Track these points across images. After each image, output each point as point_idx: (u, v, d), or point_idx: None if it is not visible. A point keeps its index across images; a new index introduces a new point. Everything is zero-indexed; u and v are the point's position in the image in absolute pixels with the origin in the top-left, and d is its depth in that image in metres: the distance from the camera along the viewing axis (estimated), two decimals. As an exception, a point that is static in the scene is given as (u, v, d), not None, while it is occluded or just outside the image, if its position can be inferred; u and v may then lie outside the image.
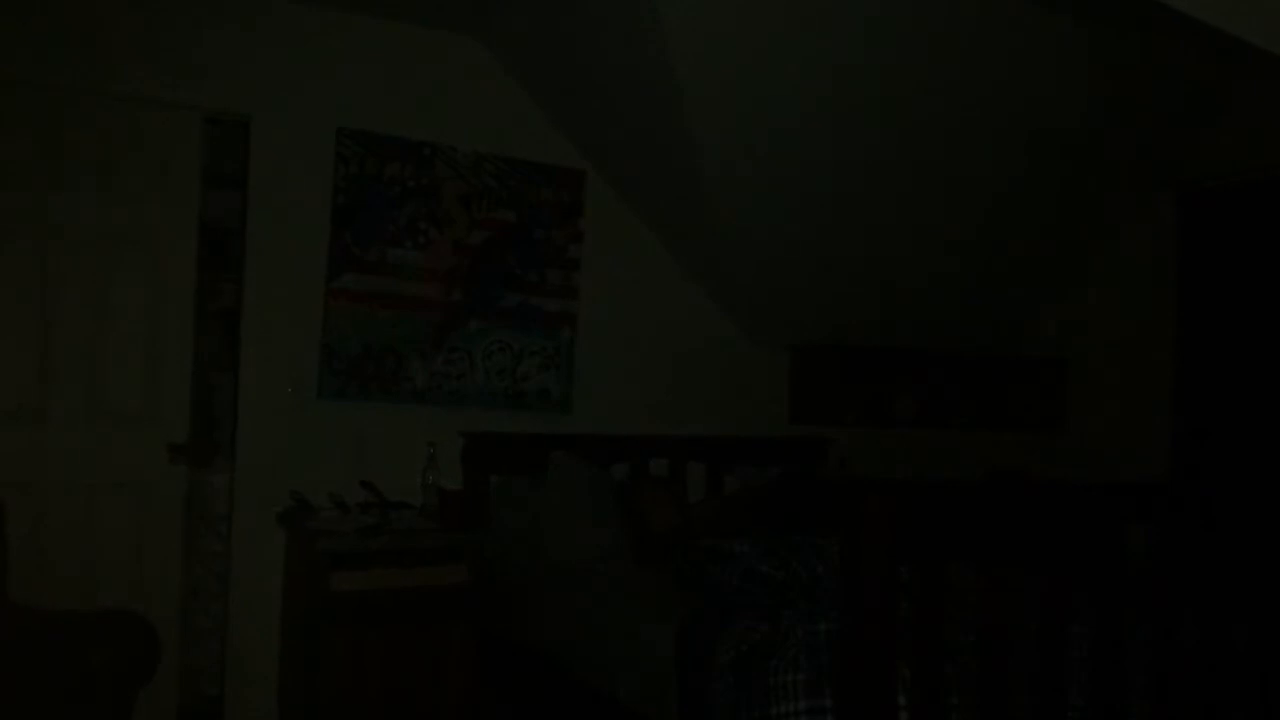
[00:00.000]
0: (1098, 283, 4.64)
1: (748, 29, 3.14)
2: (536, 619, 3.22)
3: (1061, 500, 2.12)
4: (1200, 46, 3.57)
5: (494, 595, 3.35)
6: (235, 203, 3.71)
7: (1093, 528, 2.07)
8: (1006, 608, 1.89)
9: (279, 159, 3.54)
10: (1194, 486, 3.53)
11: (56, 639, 2.62)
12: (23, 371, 3.23)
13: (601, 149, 4.01)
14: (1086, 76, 3.67)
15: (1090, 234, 4.53)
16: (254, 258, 3.52)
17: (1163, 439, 4.18)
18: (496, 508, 3.61)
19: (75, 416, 3.29)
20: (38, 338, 3.24)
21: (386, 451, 3.62)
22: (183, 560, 3.50)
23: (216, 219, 4.26)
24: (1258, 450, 3.88)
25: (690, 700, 2.35)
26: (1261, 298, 3.91)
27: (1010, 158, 3.92)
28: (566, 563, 3.29)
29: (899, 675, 1.77)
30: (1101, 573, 2.02)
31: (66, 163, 3.27)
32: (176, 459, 3.41)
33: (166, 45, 3.37)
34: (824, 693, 1.98)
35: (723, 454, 4.14)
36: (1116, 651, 2.00)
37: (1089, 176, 4.19)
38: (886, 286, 4.32)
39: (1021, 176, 4.04)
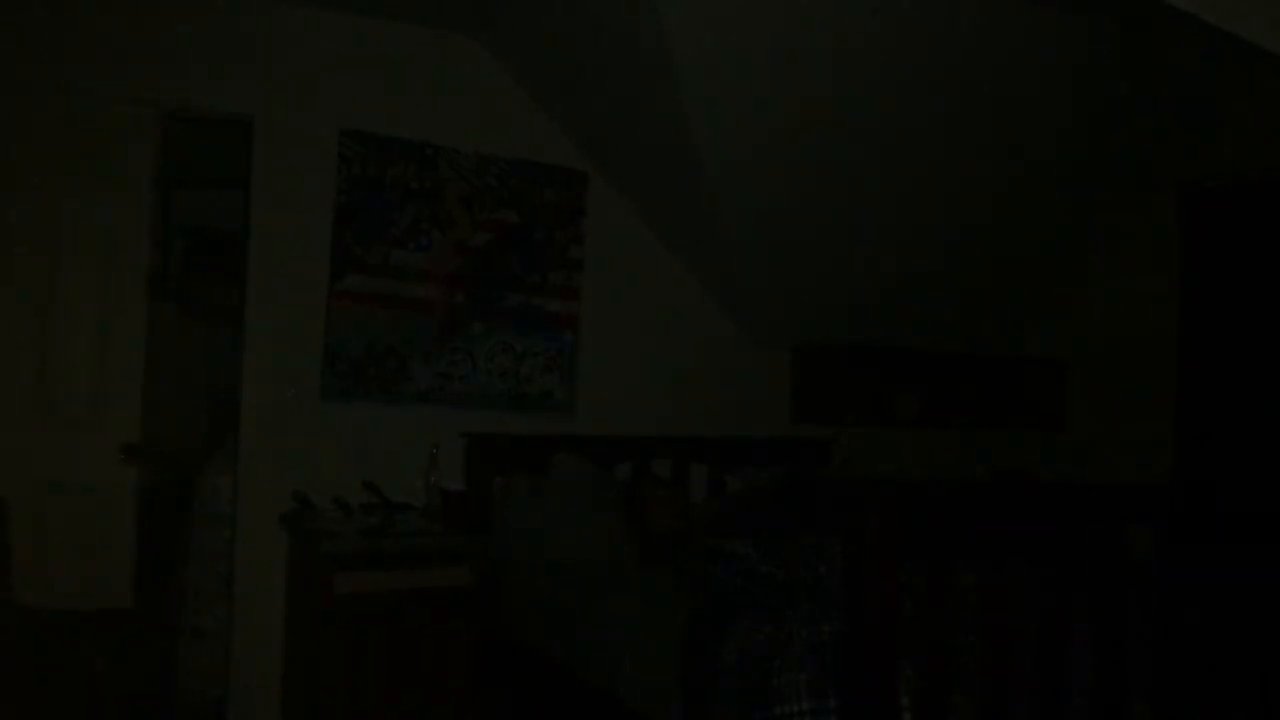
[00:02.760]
0: (1100, 282, 4.64)
1: (748, 29, 3.14)
2: (539, 620, 3.22)
3: (1063, 500, 2.12)
4: (1202, 46, 3.57)
5: (497, 596, 3.35)
6: (237, 203, 3.72)
7: (1094, 528, 2.07)
8: (1008, 608, 1.90)
9: (282, 160, 3.54)
10: (1195, 487, 3.54)
11: (61, 639, 2.63)
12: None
13: (603, 150, 4.02)
14: (1088, 76, 3.68)
15: (1092, 234, 4.53)
16: (257, 259, 3.53)
17: (1164, 439, 4.18)
18: (499, 509, 3.61)
19: (24, 416, 3.25)
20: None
21: (389, 453, 3.62)
22: (136, 557, 3.45)
23: (218, 220, 4.28)
24: (1259, 450, 3.88)
25: (693, 701, 2.35)
26: (1264, 298, 3.91)
27: (1012, 157, 3.92)
28: (569, 563, 3.29)
29: (902, 675, 1.78)
30: (1103, 573, 2.03)
31: (20, 162, 3.25)
32: (129, 459, 3.38)
33: (166, 46, 3.37)
34: (827, 693, 1.99)
35: (725, 454, 4.15)
36: (1117, 652, 2.01)
37: (1091, 176, 4.19)
38: (888, 286, 4.32)
39: (1023, 176, 4.04)
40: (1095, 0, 3.33)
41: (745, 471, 4.07)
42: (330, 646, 3.03)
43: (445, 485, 3.56)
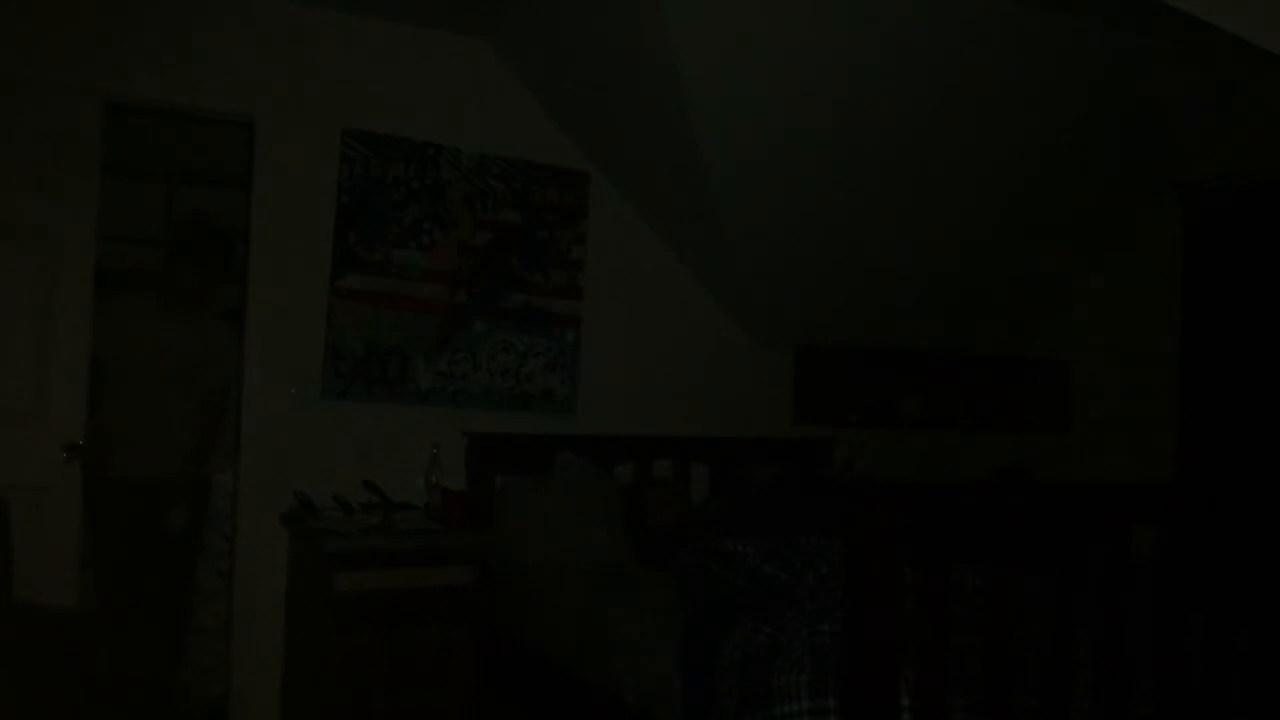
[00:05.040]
0: (1103, 284, 4.64)
1: (752, 31, 3.14)
2: (540, 620, 3.22)
3: (1066, 501, 2.12)
4: (1205, 47, 3.56)
5: (497, 596, 3.35)
6: (239, 203, 3.72)
7: (1097, 529, 2.07)
8: (1011, 609, 1.90)
9: (284, 160, 3.54)
10: (1198, 488, 3.53)
11: (61, 639, 2.63)
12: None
13: (605, 150, 4.01)
14: (1090, 78, 3.67)
15: (1095, 235, 4.52)
16: (258, 258, 3.53)
17: (1167, 440, 4.17)
18: (500, 508, 3.61)
19: None
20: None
21: (390, 452, 3.62)
22: (83, 559, 3.35)
23: (218, 218, 4.28)
24: (1262, 451, 3.87)
25: (693, 701, 2.35)
26: (1266, 299, 3.91)
27: (1015, 159, 3.92)
28: (570, 563, 3.29)
29: (902, 675, 1.77)
30: (1106, 574, 2.02)
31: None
32: (73, 458, 3.28)
33: (168, 45, 3.38)
34: (827, 693, 1.98)
35: (726, 455, 4.14)
36: (1120, 653, 2.00)
37: (1094, 177, 4.18)
38: (891, 287, 4.31)
39: (1026, 178, 4.03)
40: (1095, 0, 3.32)
41: (746, 472, 4.06)
42: (330, 645, 3.03)
43: (446, 485, 3.56)
